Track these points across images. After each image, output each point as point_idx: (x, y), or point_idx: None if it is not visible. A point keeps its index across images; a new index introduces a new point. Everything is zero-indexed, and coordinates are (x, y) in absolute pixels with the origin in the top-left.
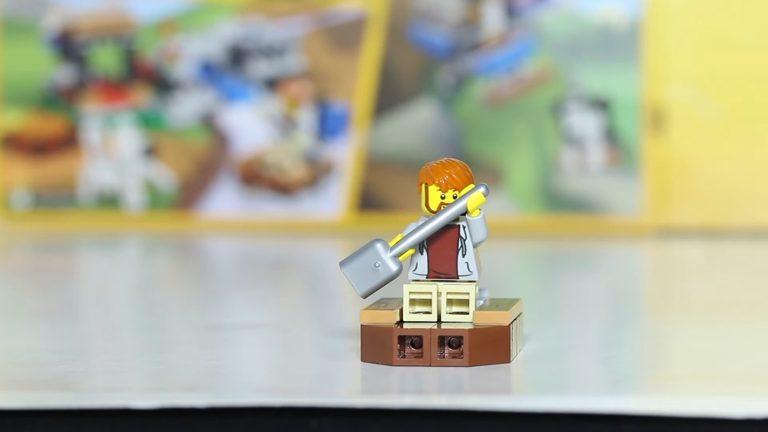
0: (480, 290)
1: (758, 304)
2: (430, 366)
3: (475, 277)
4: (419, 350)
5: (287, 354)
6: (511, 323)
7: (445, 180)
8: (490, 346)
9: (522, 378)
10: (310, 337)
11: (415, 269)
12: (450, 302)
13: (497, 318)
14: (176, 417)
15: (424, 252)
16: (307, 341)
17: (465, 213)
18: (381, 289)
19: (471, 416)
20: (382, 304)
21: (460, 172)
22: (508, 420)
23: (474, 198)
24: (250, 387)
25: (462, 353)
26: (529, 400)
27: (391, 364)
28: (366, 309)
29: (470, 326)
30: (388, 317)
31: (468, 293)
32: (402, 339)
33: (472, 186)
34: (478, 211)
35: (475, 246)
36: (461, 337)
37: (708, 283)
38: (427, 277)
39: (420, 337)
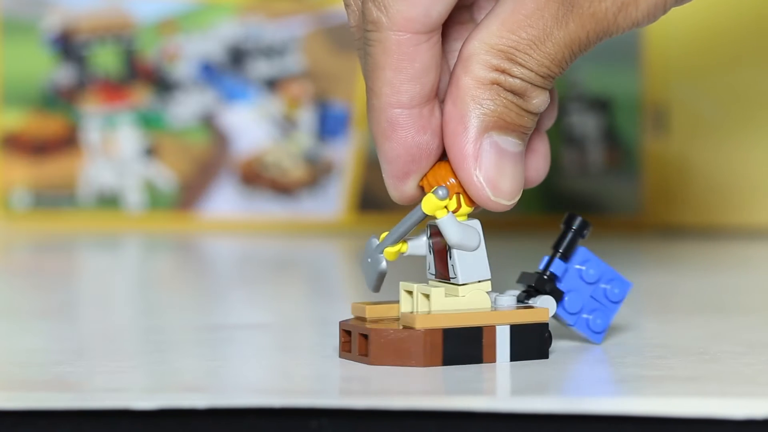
0: (498, 296)
1: (758, 304)
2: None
3: (459, 280)
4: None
5: (287, 354)
6: (430, 330)
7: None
8: (392, 349)
9: (522, 378)
10: (310, 337)
11: (429, 269)
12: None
13: (412, 321)
14: (176, 418)
15: (431, 253)
16: (307, 341)
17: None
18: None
19: (470, 416)
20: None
21: (442, 176)
22: (508, 420)
23: (426, 201)
24: (250, 387)
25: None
26: (528, 400)
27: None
28: (369, 304)
29: (397, 326)
30: (361, 311)
31: (429, 293)
32: (348, 333)
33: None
34: (443, 212)
35: (457, 248)
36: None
37: (708, 283)
38: (435, 277)
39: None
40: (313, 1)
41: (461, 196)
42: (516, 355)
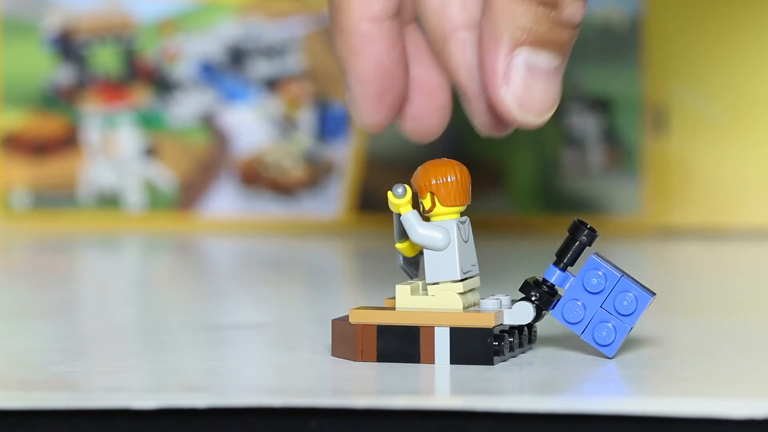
0: (486, 297)
1: (758, 304)
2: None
3: (426, 279)
4: None
5: (287, 354)
6: (367, 325)
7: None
8: (340, 342)
9: (522, 378)
10: (310, 337)
11: None
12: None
13: (353, 316)
14: (176, 417)
15: None
16: (307, 341)
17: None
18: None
19: (471, 416)
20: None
21: (416, 176)
22: (508, 420)
23: (389, 197)
24: (250, 387)
25: None
26: (529, 400)
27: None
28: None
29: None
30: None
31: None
32: None
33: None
34: (407, 207)
35: (422, 246)
36: None
37: (708, 283)
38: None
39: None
40: (313, 1)
41: (436, 197)
42: (456, 358)
